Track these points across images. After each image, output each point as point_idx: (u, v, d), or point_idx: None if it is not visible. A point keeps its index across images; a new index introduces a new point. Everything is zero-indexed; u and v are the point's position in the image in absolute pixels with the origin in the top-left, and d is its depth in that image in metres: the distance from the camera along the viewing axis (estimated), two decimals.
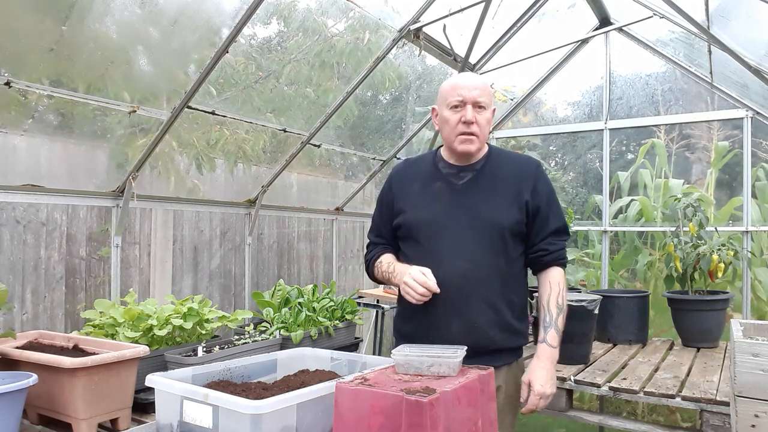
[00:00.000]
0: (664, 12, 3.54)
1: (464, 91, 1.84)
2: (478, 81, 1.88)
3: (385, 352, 4.12)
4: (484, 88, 1.87)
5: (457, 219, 1.86)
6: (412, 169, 2.04)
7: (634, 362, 3.08)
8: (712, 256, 3.42)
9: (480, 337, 1.81)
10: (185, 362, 1.96)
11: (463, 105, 1.84)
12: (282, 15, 3.18)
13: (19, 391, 1.55)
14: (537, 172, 1.94)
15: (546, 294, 1.93)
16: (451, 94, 1.86)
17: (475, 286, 1.82)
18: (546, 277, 1.95)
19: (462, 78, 1.90)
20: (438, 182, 1.94)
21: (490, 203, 1.87)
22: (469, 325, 1.82)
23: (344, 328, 2.83)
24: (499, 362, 1.85)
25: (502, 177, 1.92)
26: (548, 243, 1.92)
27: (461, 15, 3.42)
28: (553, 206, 1.94)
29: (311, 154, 4.02)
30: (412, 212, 1.93)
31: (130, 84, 2.72)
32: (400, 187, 2.01)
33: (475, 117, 1.84)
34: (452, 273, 1.80)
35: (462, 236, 1.85)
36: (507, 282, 1.88)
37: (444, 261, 1.82)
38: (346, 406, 1.33)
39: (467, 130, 1.85)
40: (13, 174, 2.55)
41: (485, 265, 1.83)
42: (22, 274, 2.64)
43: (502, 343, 1.87)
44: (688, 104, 4.39)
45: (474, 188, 1.90)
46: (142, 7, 2.47)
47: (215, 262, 3.64)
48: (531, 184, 1.90)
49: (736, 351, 1.78)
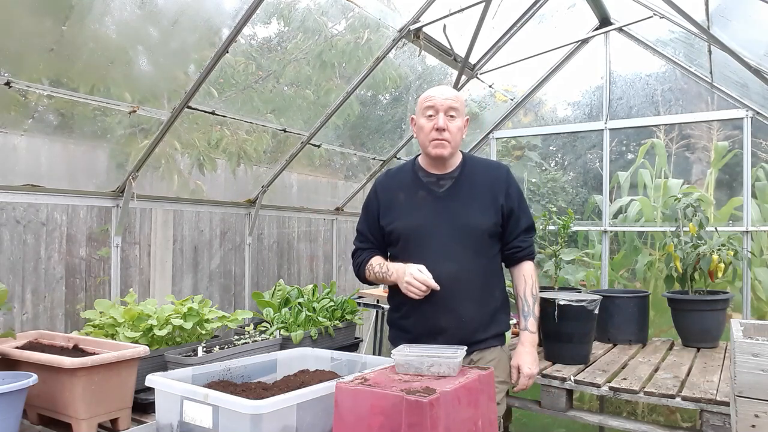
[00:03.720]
0: (664, 12, 3.54)
1: (437, 101, 2.03)
2: (450, 92, 2.07)
3: (385, 352, 4.12)
4: (456, 98, 2.05)
5: (441, 225, 2.04)
6: (395, 180, 2.21)
7: (634, 362, 3.08)
8: (712, 256, 3.41)
9: (468, 329, 2.03)
10: (185, 362, 1.96)
11: (436, 113, 2.03)
12: (282, 15, 3.18)
13: (19, 391, 1.55)
14: (508, 176, 2.14)
15: (522, 286, 2.16)
16: (425, 103, 2.05)
17: (461, 285, 2.01)
18: (520, 271, 2.17)
19: (436, 89, 2.08)
20: (420, 191, 2.12)
21: (470, 208, 2.06)
22: (458, 320, 2.02)
23: (344, 328, 2.83)
24: (484, 346, 2.09)
25: (479, 183, 2.11)
26: (521, 240, 2.14)
27: (461, 15, 3.42)
28: (523, 206, 2.16)
29: (311, 154, 4.02)
30: (400, 220, 2.10)
31: (130, 84, 2.72)
32: (386, 197, 2.17)
33: (447, 124, 2.02)
34: (441, 274, 1.95)
35: (447, 240, 2.03)
36: (489, 278, 2.10)
37: (433, 264, 1.97)
38: (346, 406, 1.33)
39: (439, 137, 2.02)
40: (13, 174, 2.54)
41: (469, 266, 2.03)
42: (22, 274, 2.64)
43: (488, 333, 2.09)
44: (688, 104, 4.39)
45: (454, 195, 2.09)
46: (142, 7, 2.47)
47: (215, 262, 3.64)
48: (504, 188, 2.11)
49: (736, 351, 1.78)
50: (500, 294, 2.16)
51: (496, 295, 2.13)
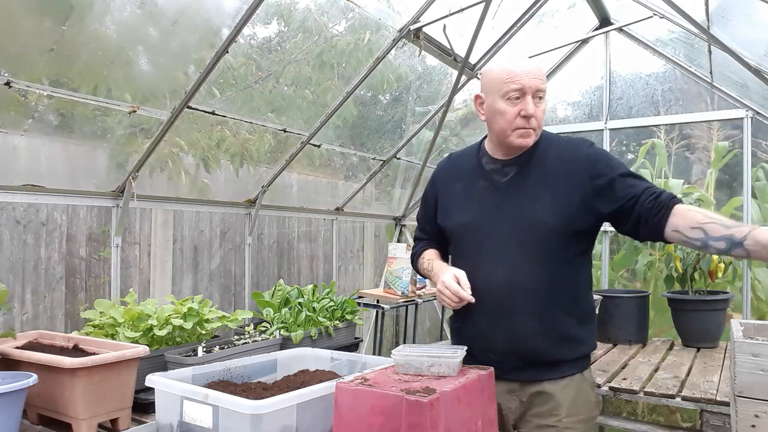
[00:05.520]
0: (664, 12, 3.54)
1: (524, 81, 1.61)
2: (536, 68, 1.65)
3: (385, 352, 4.12)
4: (543, 76, 1.67)
5: (499, 222, 1.69)
6: (455, 166, 1.89)
7: (635, 362, 3.08)
8: (712, 256, 3.41)
9: (528, 348, 1.66)
10: (185, 362, 1.96)
11: (523, 95, 1.62)
12: (282, 15, 3.18)
13: (19, 391, 1.55)
14: (589, 154, 1.69)
15: (696, 219, 1.51)
16: (507, 82, 1.62)
17: (518, 297, 1.65)
18: (680, 218, 1.54)
19: (517, 63, 1.64)
20: (480, 180, 1.77)
21: (538, 202, 1.67)
22: (515, 337, 1.66)
23: (344, 328, 2.83)
24: (556, 375, 1.68)
25: (552, 169, 1.69)
26: (649, 192, 1.60)
27: (461, 15, 3.42)
28: (623, 168, 1.66)
29: (311, 154, 4.02)
30: (454, 216, 1.80)
31: (130, 84, 2.72)
32: (444, 186, 1.87)
33: (535, 109, 1.63)
34: (493, 283, 1.66)
35: (504, 242, 1.68)
36: (561, 287, 1.67)
37: (485, 270, 1.68)
38: (346, 406, 1.33)
39: (527, 125, 1.64)
40: (13, 174, 2.54)
41: (530, 273, 1.65)
42: (22, 274, 2.64)
43: (559, 355, 1.68)
44: (688, 104, 4.39)
45: (519, 186, 1.71)
46: (142, 7, 2.47)
47: (215, 262, 3.64)
48: (587, 172, 1.65)
49: (736, 351, 1.78)
50: (579, 305, 1.73)
51: (569, 308, 1.69)
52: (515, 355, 1.67)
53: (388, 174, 4.89)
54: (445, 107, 4.07)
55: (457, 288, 1.62)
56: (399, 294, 3.83)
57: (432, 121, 4.46)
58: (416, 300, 3.96)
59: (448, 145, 5.09)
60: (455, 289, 1.62)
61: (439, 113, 4.32)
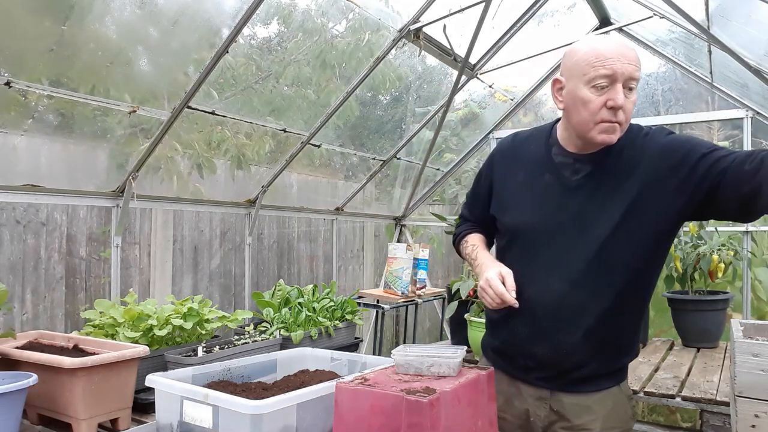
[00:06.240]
0: (664, 12, 3.54)
1: (616, 66, 1.38)
2: (631, 52, 1.42)
3: (385, 352, 4.12)
4: (638, 61, 1.43)
5: (562, 229, 1.50)
6: (521, 150, 1.65)
7: (634, 362, 3.08)
8: (712, 256, 3.41)
9: (572, 363, 1.52)
10: (185, 362, 1.96)
11: (612, 83, 1.39)
12: (282, 15, 3.18)
13: (19, 391, 1.55)
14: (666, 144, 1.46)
15: None
16: (595, 66, 1.39)
17: (571, 315, 1.49)
18: None
19: (609, 44, 1.41)
20: (547, 174, 1.56)
21: (608, 211, 1.46)
22: (558, 353, 1.52)
23: (344, 328, 2.83)
24: (592, 388, 1.54)
25: (630, 169, 1.46)
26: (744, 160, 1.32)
27: (461, 15, 3.42)
28: (704, 145, 1.42)
29: (311, 154, 4.02)
30: (511, 212, 1.61)
31: (130, 84, 2.72)
32: (502, 172, 1.66)
33: (625, 101, 1.40)
34: (544, 293, 1.51)
35: (564, 250, 1.50)
36: (618, 303, 1.49)
37: (538, 279, 1.52)
38: (346, 406, 1.33)
39: (614, 119, 1.41)
40: (13, 174, 2.54)
41: (588, 288, 1.48)
42: (22, 274, 2.64)
43: (600, 369, 1.54)
44: (688, 104, 4.39)
45: (590, 188, 1.49)
46: (142, 7, 2.47)
47: (215, 262, 3.64)
48: (669, 164, 1.42)
49: (736, 351, 1.78)
50: (636, 320, 1.58)
51: (628, 325, 1.56)
52: (554, 367, 1.53)
53: (388, 174, 4.89)
54: (445, 107, 4.07)
55: (502, 290, 1.46)
56: (399, 294, 3.83)
57: (432, 121, 4.47)
58: (416, 300, 3.96)
59: (448, 145, 5.09)
60: (500, 291, 1.46)
61: (439, 113, 4.32)
